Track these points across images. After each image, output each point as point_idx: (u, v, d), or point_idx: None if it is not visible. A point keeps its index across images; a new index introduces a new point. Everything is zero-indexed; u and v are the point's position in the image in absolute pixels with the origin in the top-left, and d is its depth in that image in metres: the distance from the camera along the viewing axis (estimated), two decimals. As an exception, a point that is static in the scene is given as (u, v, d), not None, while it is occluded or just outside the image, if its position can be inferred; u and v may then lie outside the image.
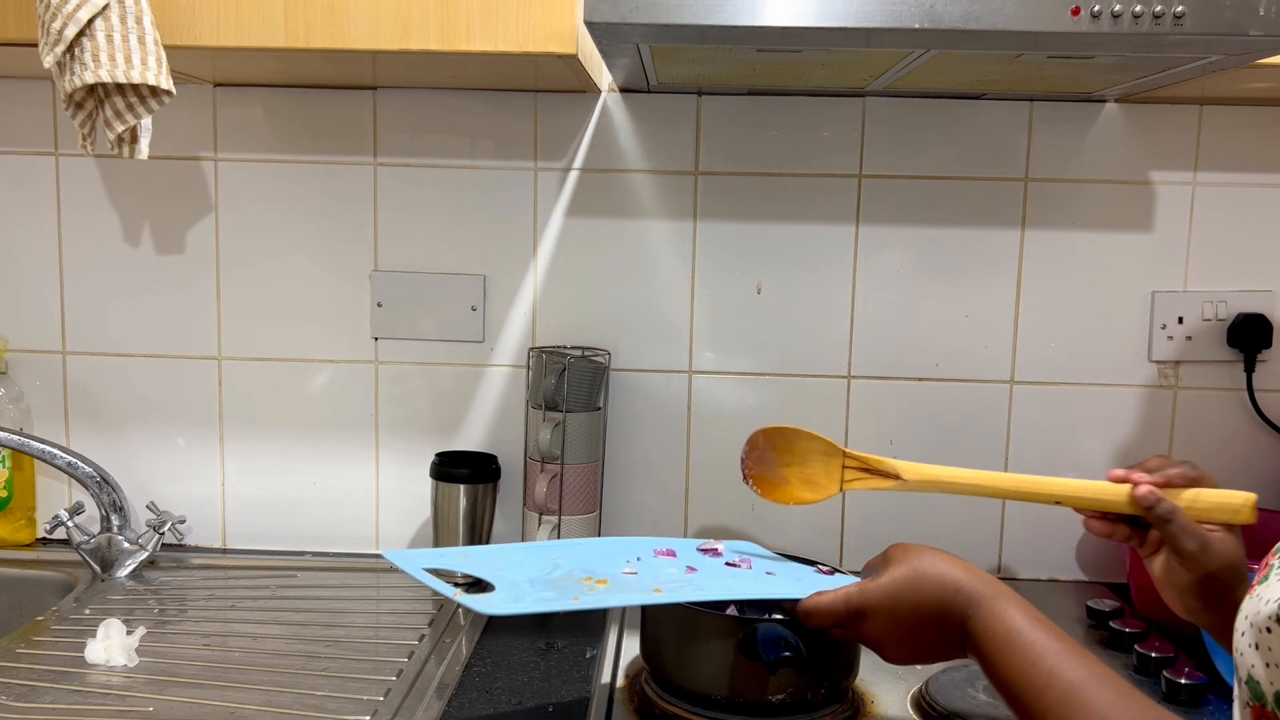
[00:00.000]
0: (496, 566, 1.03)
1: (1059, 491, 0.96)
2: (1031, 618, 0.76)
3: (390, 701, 1.08)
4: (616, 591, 0.98)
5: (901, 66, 1.16)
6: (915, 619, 0.83)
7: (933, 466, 1.00)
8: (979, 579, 0.81)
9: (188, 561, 1.48)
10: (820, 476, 1.03)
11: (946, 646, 0.83)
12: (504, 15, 1.07)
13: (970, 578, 0.81)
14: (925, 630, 0.83)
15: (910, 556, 0.85)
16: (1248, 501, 0.90)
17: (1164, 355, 1.46)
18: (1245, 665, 0.67)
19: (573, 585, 0.98)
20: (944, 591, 0.81)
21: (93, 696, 1.07)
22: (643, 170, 1.46)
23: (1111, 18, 0.95)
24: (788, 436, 1.06)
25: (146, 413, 1.52)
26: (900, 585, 0.84)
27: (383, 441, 1.51)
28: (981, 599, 0.79)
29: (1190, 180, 1.43)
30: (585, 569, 1.03)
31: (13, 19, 1.10)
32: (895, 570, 0.85)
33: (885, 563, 0.87)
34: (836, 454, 1.03)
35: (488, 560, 1.05)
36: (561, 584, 0.99)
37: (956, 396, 1.48)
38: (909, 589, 0.83)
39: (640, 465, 1.50)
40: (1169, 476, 0.91)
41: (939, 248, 1.46)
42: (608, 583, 0.99)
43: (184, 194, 1.48)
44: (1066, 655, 0.73)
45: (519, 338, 1.49)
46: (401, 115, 1.46)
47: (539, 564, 1.05)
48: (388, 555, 1.05)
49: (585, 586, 0.98)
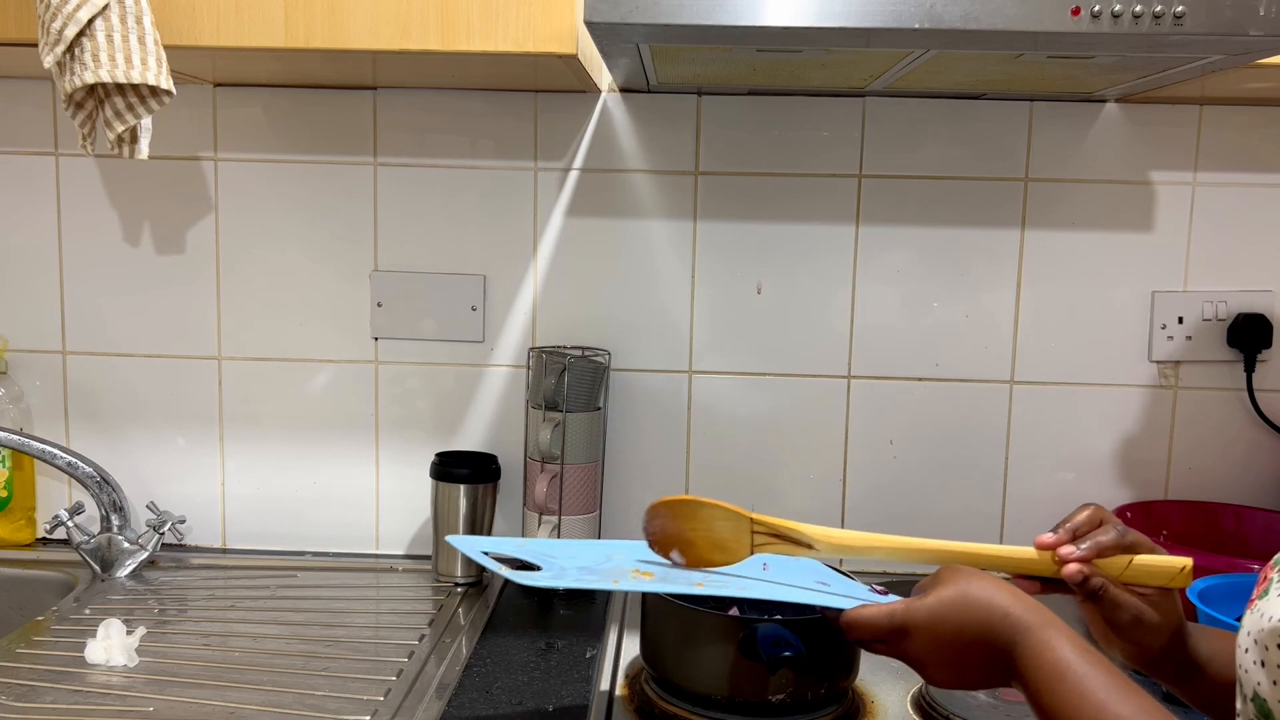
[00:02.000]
0: (550, 554, 1.04)
1: (985, 556, 0.92)
2: (1080, 649, 0.75)
3: (390, 701, 1.08)
4: (660, 583, 0.97)
5: (901, 66, 1.16)
6: (959, 641, 0.81)
7: (848, 533, 0.96)
8: (1028, 607, 0.79)
9: (188, 561, 1.48)
10: (729, 541, 0.99)
11: (991, 672, 0.81)
12: (504, 15, 1.07)
13: (1019, 605, 0.80)
14: (969, 654, 0.81)
15: (960, 579, 0.83)
16: (1185, 567, 0.87)
17: (1164, 355, 1.46)
18: (1250, 682, 0.66)
19: (618, 573, 0.98)
20: (991, 616, 0.80)
21: (93, 696, 1.07)
22: (643, 170, 1.46)
23: (1111, 18, 0.95)
24: (689, 507, 1.01)
25: (146, 413, 1.52)
26: (946, 606, 0.82)
27: (383, 441, 1.51)
28: (1030, 627, 0.78)
29: (1190, 180, 1.43)
30: (638, 562, 1.01)
31: (13, 19, 1.10)
32: (943, 591, 0.83)
33: (935, 583, 0.85)
34: (744, 521, 0.99)
35: (544, 548, 1.06)
36: (608, 572, 0.99)
37: (956, 396, 1.48)
38: (954, 610, 0.82)
39: (640, 465, 1.50)
40: (1100, 546, 0.87)
41: (939, 248, 1.46)
42: (654, 575, 0.98)
43: (184, 194, 1.48)
44: (1117, 690, 0.71)
45: (519, 338, 1.49)
46: (401, 115, 1.46)
47: (593, 556, 1.05)
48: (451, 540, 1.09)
49: (630, 575, 0.97)
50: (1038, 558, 0.89)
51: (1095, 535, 0.88)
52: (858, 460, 1.50)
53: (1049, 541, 0.89)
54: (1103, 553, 0.87)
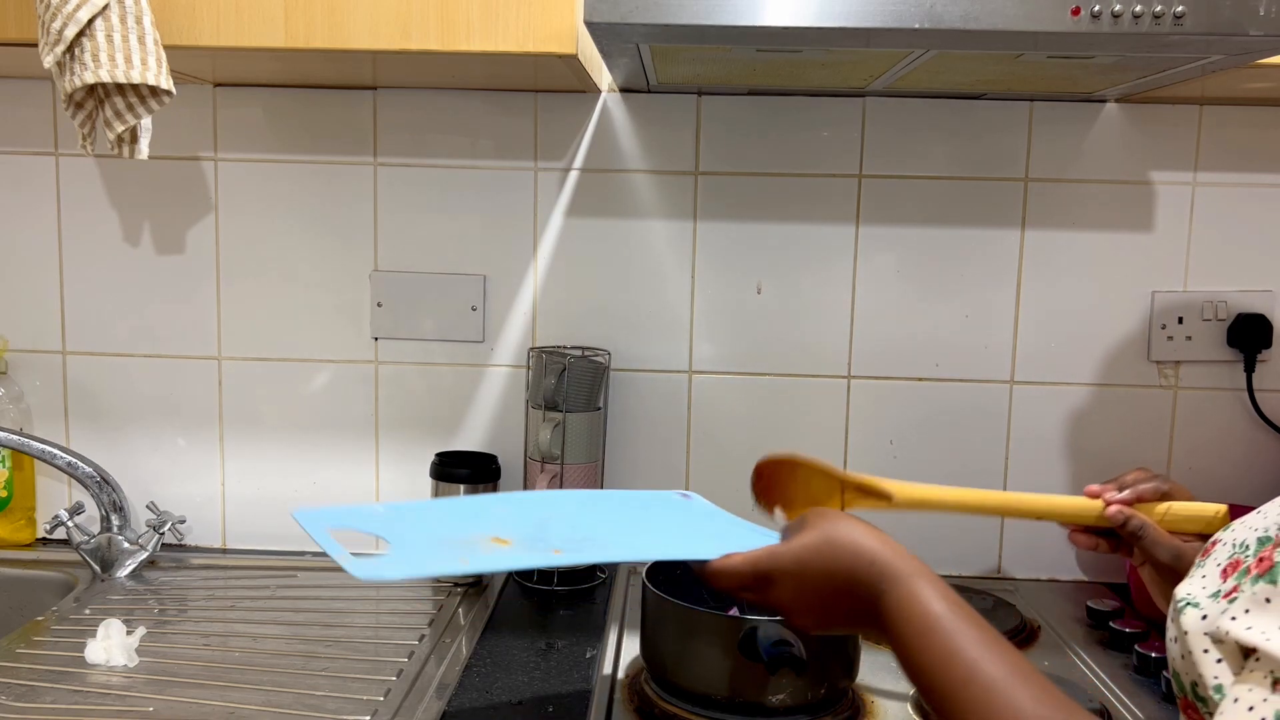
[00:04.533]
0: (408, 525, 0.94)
1: (1041, 507, 0.98)
2: (951, 603, 0.72)
3: (390, 701, 1.08)
4: (516, 553, 0.90)
5: (901, 66, 1.16)
6: (826, 587, 0.79)
7: (921, 487, 1.01)
8: (896, 554, 0.77)
9: (188, 561, 1.48)
10: (822, 498, 1.05)
11: (857, 618, 0.79)
12: (504, 15, 1.07)
13: (887, 551, 0.77)
14: (835, 599, 0.79)
15: (825, 523, 0.81)
16: (1219, 512, 0.92)
17: (1164, 355, 1.46)
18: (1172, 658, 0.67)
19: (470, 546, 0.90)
20: (857, 561, 0.77)
21: (93, 696, 1.07)
22: (643, 170, 1.46)
23: (1111, 18, 0.95)
24: (788, 466, 1.09)
25: (146, 413, 1.52)
26: (810, 551, 0.80)
27: (383, 441, 1.51)
28: (899, 576, 0.75)
29: (1190, 180, 1.43)
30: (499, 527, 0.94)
31: (13, 19, 1.10)
32: (806, 536, 0.81)
33: (800, 526, 0.83)
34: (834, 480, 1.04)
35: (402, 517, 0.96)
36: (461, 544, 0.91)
37: (956, 396, 1.48)
38: (818, 556, 0.79)
39: (640, 465, 1.50)
40: (1140, 492, 0.94)
41: (939, 248, 1.46)
42: (511, 542, 0.91)
43: (184, 194, 1.48)
44: (989, 648, 0.69)
45: (519, 338, 1.49)
46: (401, 115, 1.46)
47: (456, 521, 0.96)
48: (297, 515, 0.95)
49: (483, 547, 0.90)
50: (1088, 505, 0.96)
51: (1138, 483, 0.95)
52: (858, 460, 1.50)
53: (1095, 490, 0.96)
54: (1141, 497, 0.94)
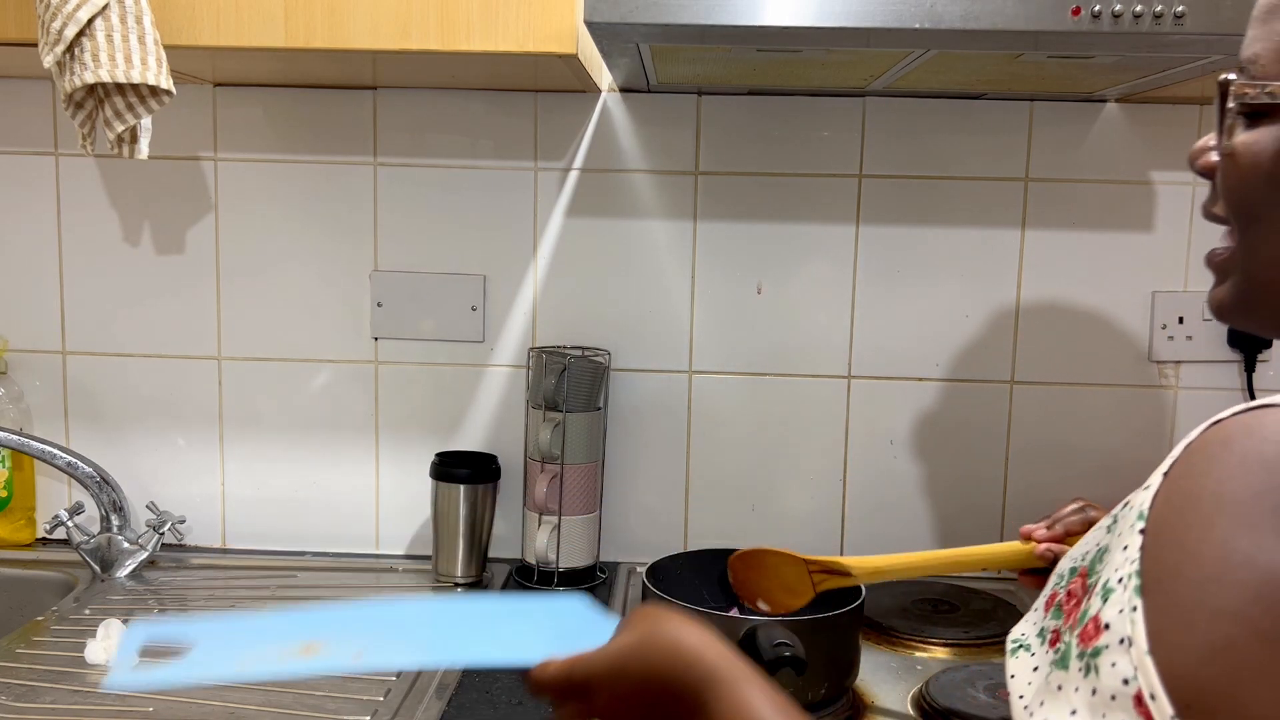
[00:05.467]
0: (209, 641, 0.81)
1: (983, 557, 1.01)
2: (779, 707, 0.68)
3: (390, 701, 1.08)
4: (323, 658, 0.78)
5: (901, 66, 1.16)
6: (644, 691, 0.71)
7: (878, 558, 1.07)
8: (719, 656, 0.70)
9: (188, 561, 1.48)
10: (795, 584, 1.09)
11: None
12: (504, 15, 1.07)
13: (709, 653, 0.70)
14: (655, 704, 0.72)
15: (645, 624, 0.73)
16: None
17: (1164, 355, 1.46)
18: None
19: (279, 653, 0.79)
20: (675, 665, 0.70)
21: (93, 696, 1.07)
22: (643, 170, 1.46)
23: (1112, 18, 0.95)
24: (758, 557, 1.13)
25: (146, 413, 1.52)
26: (626, 654, 0.72)
27: (383, 441, 1.51)
28: (721, 681, 0.69)
29: (1190, 180, 1.43)
30: (311, 634, 0.82)
31: (13, 19, 1.10)
32: (624, 637, 0.74)
33: (622, 628, 0.76)
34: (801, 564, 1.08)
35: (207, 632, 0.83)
36: (268, 649, 0.80)
37: (956, 396, 1.48)
38: (635, 658, 0.72)
39: (640, 465, 1.50)
40: (1068, 525, 0.95)
41: (939, 248, 1.46)
42: (320, 649, 0.80)
43: (184, 194, 1.48)
44: None
45: (519, 338, 1.49)
46: (401, 115, 1.46)
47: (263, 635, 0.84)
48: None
49: (297, 652, 0.79)
50: (1022, 549, 0.98)
51: (1066, 517, 0.95)
52: (858, 460, 1.50)
53: (1028, 530, 0.97)
54: (1069, 530, 0.94)
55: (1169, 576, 0.50)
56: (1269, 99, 0.59)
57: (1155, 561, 0.51)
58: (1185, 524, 0.50)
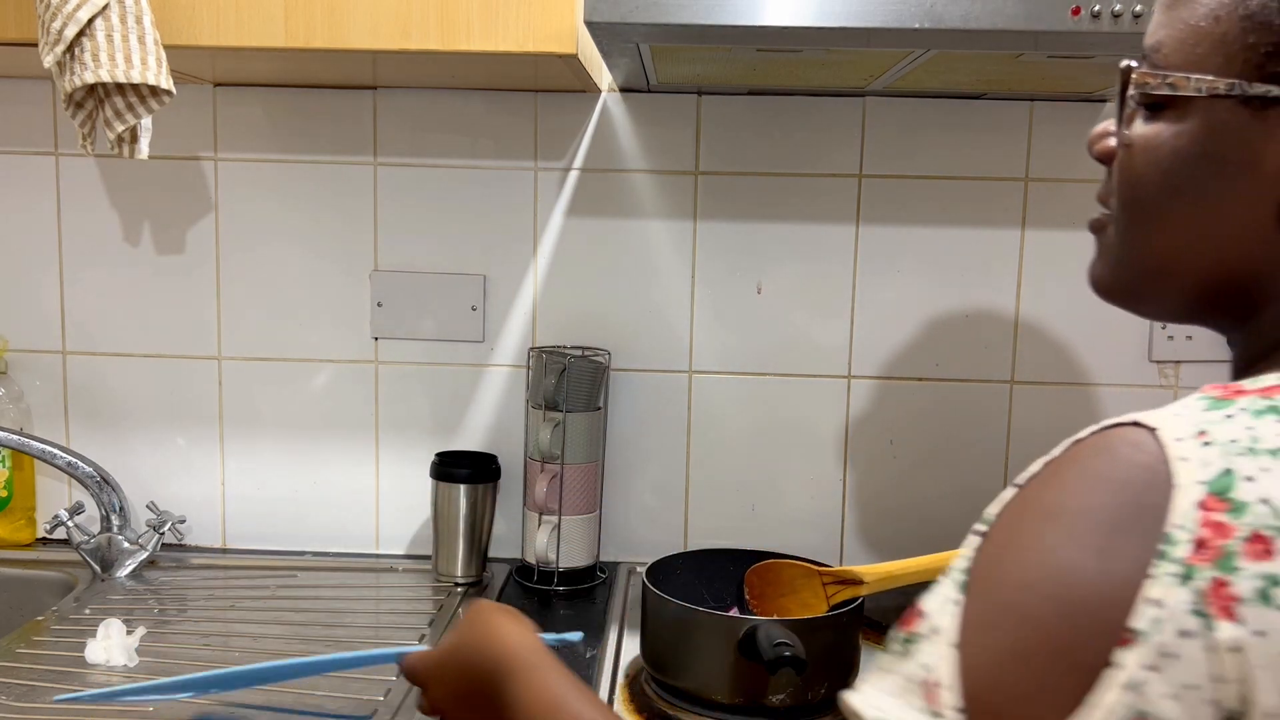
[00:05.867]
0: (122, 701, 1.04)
1: None
2: (580, 690, 0.72)
3: (390, 701, 1.07)
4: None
5: (901, 66, 1.16)
6: (466, 686, 0.78)
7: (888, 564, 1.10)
8: (524, 647, 0.76)
9: (188, 561, 1.48)
10: (809, 596, 1.12)
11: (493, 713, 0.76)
12: (504, 15, 1.07)
13: (514, 642, 0.76)
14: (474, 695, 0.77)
15: (468, 620, 0.80)
16: None
17: (1164, 355, 1.46)
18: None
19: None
20: (486, 655, 0.76)
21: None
22: (643, 170, 1.46)
23: (1112, 18, 0.95)
24: (773, 570, 1.17)
25: (146, 413, 1.52)
26: (447, 653, 0.80)
27: (383, 441, 1.51)
28: (524, 667, 0.74)
29: (1190, 180, 1.43)
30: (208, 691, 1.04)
31: (13, 19, 1.10)
32: (448, 637, 0.82)
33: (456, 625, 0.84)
34: (815, 575, 1.12)
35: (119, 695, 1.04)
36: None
37: (956, 396, 1.48)
38: (454, 657, 0.80)
39: (640, 465, 1.50)
40: None
41: (939, 248, 1.46)
42: None
43: (184, 194, 1.48)
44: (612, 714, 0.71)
45: (519, 338, 1.49)
46: (401, 115, 1.46)
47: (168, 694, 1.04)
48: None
49: None
50: None
51: None
52: (858, 460, 1.50)
53: None
54: None
55: (992, 577, 0.51)
56: (1170, 90, 0.57)
57: (984, 562, 0.52)
58: (1019, 529, 0.51)
